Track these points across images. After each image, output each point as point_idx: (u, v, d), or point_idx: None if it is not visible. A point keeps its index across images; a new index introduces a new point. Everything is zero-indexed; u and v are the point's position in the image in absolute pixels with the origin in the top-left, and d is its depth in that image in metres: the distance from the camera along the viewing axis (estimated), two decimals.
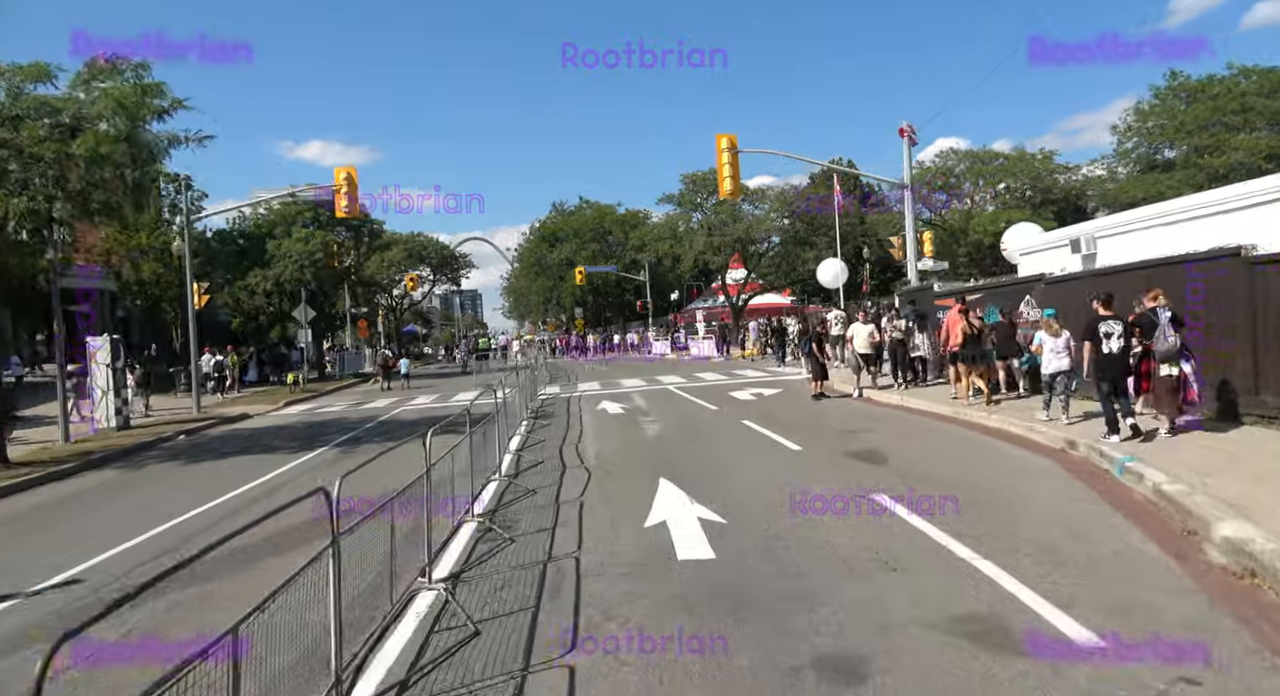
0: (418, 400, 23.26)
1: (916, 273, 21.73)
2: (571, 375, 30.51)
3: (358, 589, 4.51)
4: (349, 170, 21.36)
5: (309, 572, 3.64)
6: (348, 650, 4.01)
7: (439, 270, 61.73)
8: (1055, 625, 4.33)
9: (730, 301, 49.69)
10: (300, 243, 31.06)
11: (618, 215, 61.06)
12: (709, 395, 18.39)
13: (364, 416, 19.50)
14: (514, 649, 4.54)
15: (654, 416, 15.25)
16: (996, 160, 45.78)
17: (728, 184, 21.06)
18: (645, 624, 4.77)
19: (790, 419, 13.51)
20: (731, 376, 23.67)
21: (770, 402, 16.27)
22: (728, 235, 45.83)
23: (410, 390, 28.65)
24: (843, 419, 13.15)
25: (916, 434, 11.08)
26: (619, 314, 64.98)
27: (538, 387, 22.55)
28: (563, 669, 4.22)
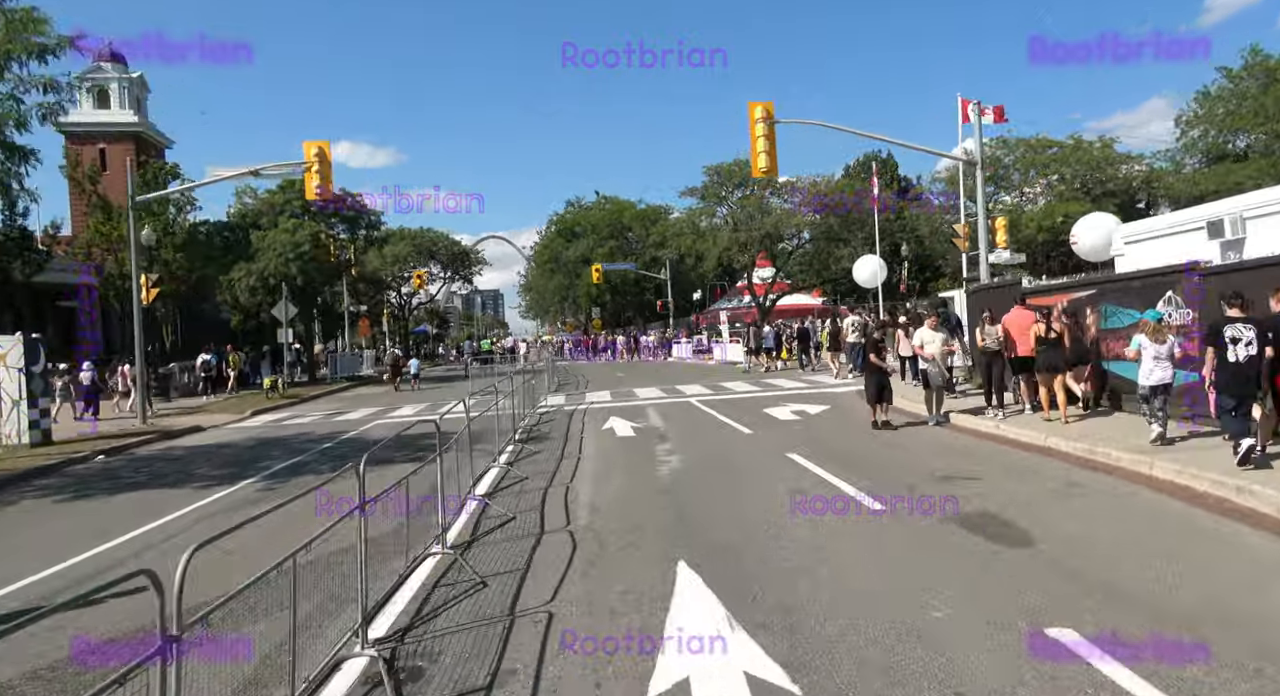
0: (402, 410, 20.23)
1: (988, 266, 18.34)
2: (581, 381, 27.40)
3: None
4: (320, 145, 18.38)
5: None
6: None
7: (450, 267, 59.00)
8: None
9: (757, 301, 46.32)
10: (286, 233, 28.22)
11: (637, 210, 57.89)
12: (740, 412, 15.17)
13: (330, 431, 16.49)
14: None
15: (673, 443, 12.06)
16: (1050, 149, 41.97)
17: (762, 160, 17.79)
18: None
19: (852, 452, 10.26)
20: (764, 387, 20.41)
21: (819, 426, 13.00)
22: (755, 230, 42.48)
23: (406, 394, 25.72)
24: (925, 455, 9.86)
25: (1052, 490, 7.75)
26: (638, 314, 61.83)
27: (539, 397, 19.49)
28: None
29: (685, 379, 25.14)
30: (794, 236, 45.61)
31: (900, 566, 5.57)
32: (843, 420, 13.49)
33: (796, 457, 9.93)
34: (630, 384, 24.59)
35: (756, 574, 5.52)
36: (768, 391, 19.18)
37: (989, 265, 18.40)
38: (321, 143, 18.46)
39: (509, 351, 48.51)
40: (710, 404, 17.02)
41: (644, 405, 17.78)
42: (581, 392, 22.41)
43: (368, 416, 19.41)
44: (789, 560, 5.81)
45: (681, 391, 20.47)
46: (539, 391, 21.20)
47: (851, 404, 15.54)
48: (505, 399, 15.42)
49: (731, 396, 18.51)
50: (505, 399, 15.42)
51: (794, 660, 4.07)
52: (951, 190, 44.75)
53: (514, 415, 14.50)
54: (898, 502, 7.36)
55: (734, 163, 45.94)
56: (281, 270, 28.27)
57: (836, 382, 20.25)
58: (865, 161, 58.36)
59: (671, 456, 10.80)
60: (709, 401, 17.57)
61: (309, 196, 18.61)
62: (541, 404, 18.77)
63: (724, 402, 17.16)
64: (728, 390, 20.08)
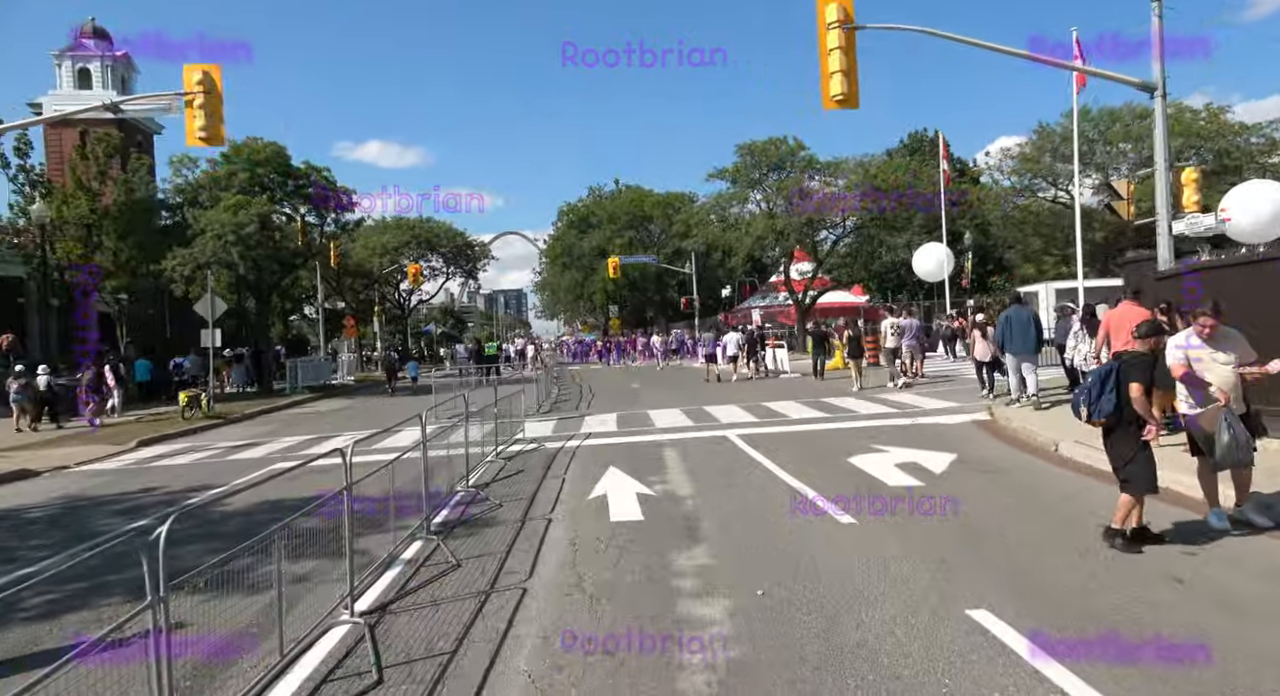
0: (336, 438, 14.82)
1: (1169, 239, 12.57)
2: (584, 394, 21.88)
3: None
4: (207, 69, 13.06)
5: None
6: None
7: (454, 262, 53.80)
8: None
9: (795, 299, 40.46)
10: (227, 212, 23.04)
11: (657, 197, 52.24)
12: (812, 464, 9.56)
13: (194, 485, 11.06)
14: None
15: (711, 549, 6.44)
16: (1143, 120, 35.62)
17: (837, 83, 12.14)
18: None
19: (1125, 622, 4.62)
20: (828, 410, 14.73)
21: (980, 513, 7.27)
22: (795, 216, 36.63)
23: (358, 410, 20.42)
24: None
25: None
26: (660, 313, 56.20)
27: (523, 418, 14.10)
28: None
29: (717, 394, 19.51)
30: (841, 224, 39.64)
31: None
32: (1015, 494, 7.80)
33: (1007, 641, 4.31)
34: (646, 401, 19.02)
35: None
36: (837, 417, 13.50)
37: (1169, 235, 12.60)
38: (210, 66, 13.11)
39: (518, 354, 42.95)
40: (757, 441, 11.41)
41: (661, 442, 12.20)
42: (580, 414, 16.90)
43: (281, 452, 14.06)
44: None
45: (713, 416, 14.86)
46: (527, 407, 15.82)
47: (985, 450, 9.87)
48: (472, 424, 10.17)
49: (786, 427, 12.88)
50: (472, 424, 10.17)
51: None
52: (1026, 169, 38.76)
53: (468, 456, 9.20)
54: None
55: (768, 141, 40.24)
56: (221, 256, 23.14)
57: (913, 403, 14.51)
58: (913, 142, 52.33)
59: (713, 601, 5.21)
60: (756, 437, 11.95)
61: (190, 141, 13.29)
62: (520, 433, 13.29)
63: (779, 441, 11.54)
64: (776, 415, 14.44)
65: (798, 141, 40.38)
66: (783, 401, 16.61)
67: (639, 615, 4.98)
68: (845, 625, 4.61)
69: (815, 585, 5.32)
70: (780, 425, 13.20)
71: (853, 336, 19.74)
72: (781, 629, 4.62)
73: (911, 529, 6.54)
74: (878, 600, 4.99)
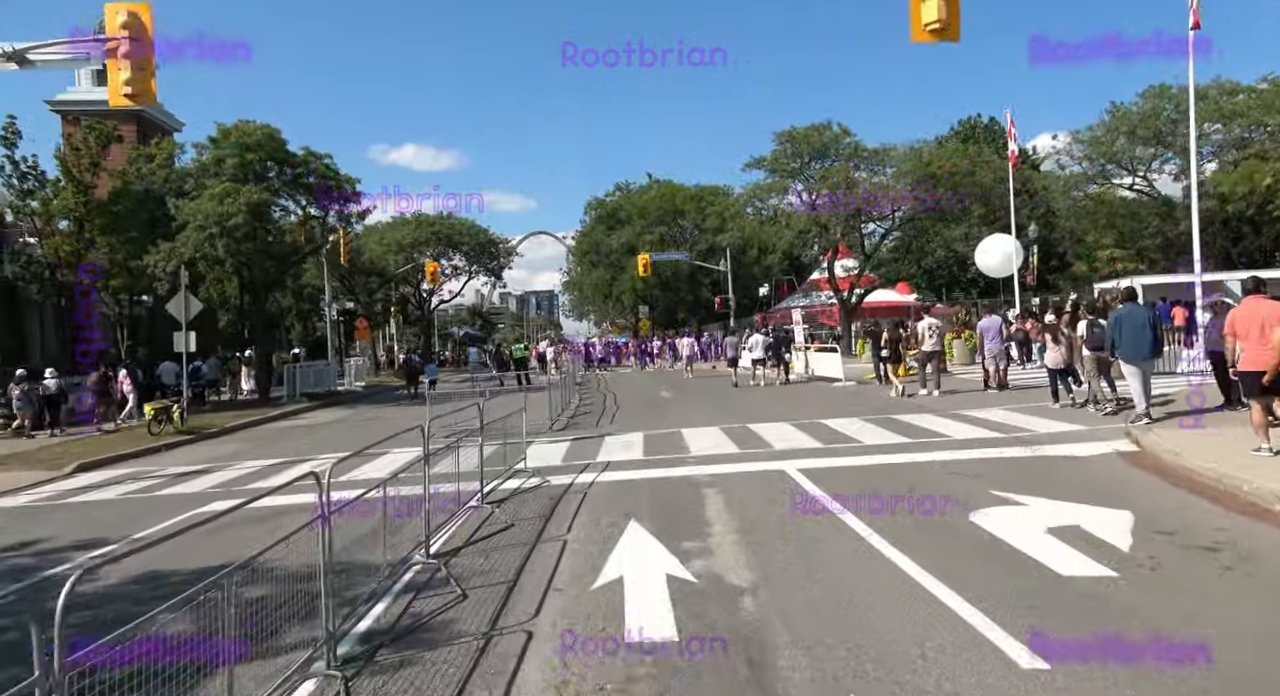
0: (311, 460, 12.26)
1: None
2: (607, 407, 19.10)
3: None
4: (134, 9, 10.52)
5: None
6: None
7: (477, 260, 51.39)
8: None
9: (840, 297, 37.20)
10: (212, 201, 20.66)
11: (690, 191, 49.26)
12: (911, 517, 6.68)
13: (67, 545, 8.50)
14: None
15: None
16: (1233, 96, 31.86)
17: (933, 7, 9.18)
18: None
19: None
20: (906, 431, 11.74)
21: (1258, 641, 4.36)
22: (841, 206, 33.42)
23: (365, 420, 17.91)
24: None
25: None
26: (692, 313, 53.25)
27: (532, 438, 11.42)
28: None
29: (760, 408, 16.60)
30: (890, 216, 36.31)
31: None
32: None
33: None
34: (678, 415, 16.19)
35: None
36: (920, 444, 10.52)
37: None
38: (136, 5, 10.57)
39: (538, 358, 40.20)
40: (831, 483, 8.50)
41: (699, 478, 9.34)
42: (599, 433, 14.10)
43: (227, 484, 11.48)
44: None
45: (762, 439, 11.96)
46: (536, 425, 13.18)
47: (1168, 504, 6.86)
48: (466, 449, 8.66)
49: (860, 458, 9.93)
50: (466, 449, 8.66)
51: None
52: (1098, 153, 35.10)
53: (429, 515, 6.56)
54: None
55: (810, 127, 37.16)
56: (206, 251, 20.79)
57: (1017, 423, 11.45)
58: (965, 130, 48.74)
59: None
60: (823, 473, 9.05)
61: (114, 102, 10.78)
62: (520, 461, 10.53)
63: (856, 480, 8.61)
64: (842, 438, 11.50)
65: (842, 128, 37.27)
66: (844, 419, 13.63)
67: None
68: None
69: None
70: (851, 454, 10.26)
71: (894, 338, 17.74)
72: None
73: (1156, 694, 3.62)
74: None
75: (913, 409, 14.43)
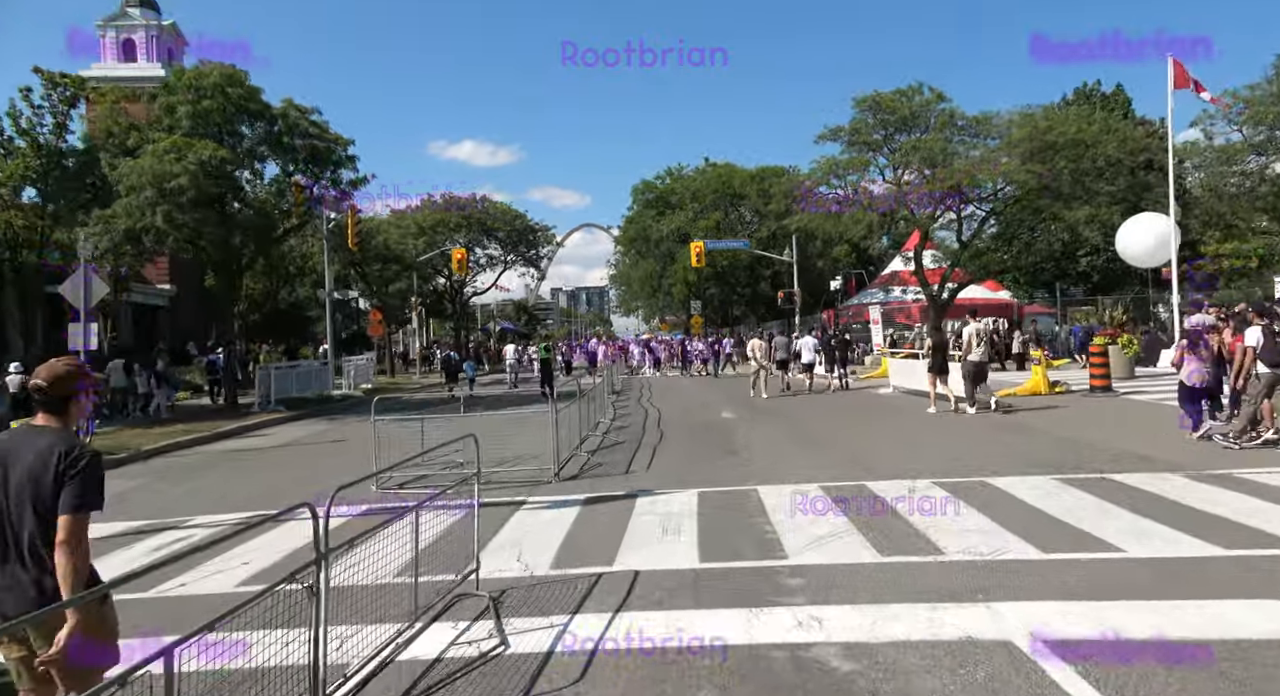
0: (207, 516, 7.60)
1: None
2: (647, 429, 14.02)
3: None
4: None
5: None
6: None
7: (513, 249, 46.82)
8: None
9: (929, 292, 31.34)
10: (151, 158, 16.20)
11: (749, 172, 43.72)
12: None
13: None
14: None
15: None
16: None
17: None
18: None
19: None
20: (1180, 519, 6.39)
21: None
22: (940, 181, 27.63)
23: (311, 445, 13.30)
24: None
25: None
26: (751, 310, 47.77)
27: (474, 547, 6.48)
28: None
29: (865, 444, 11.35)
30: (993, 196, 30.29)
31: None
32: None
33: None
34: (747, 454, 11.07)
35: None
36: (1248, 560, 5.22)
37: None
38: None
39: (565, 363, 35.12)
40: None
41: (823, 653, 4.22)
42: (628, 489, 9.02)
43: None
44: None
45: (913, 527, 6.74)
46: (543, 460, 8.33)
47: None
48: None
49: (1156, 602, 4.68)
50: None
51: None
52: (1262, 118, 28.42)
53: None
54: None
55: (896, 92, 31.48)
56: (148, 224, 16.41)
57: None
58: (1079, 98, 42.13)
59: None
60: (1114, 668, 3.83)
61: None
62: (470, 572, 5.54)
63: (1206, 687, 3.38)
64: (1067, 530, 6.22)
65: (935, 92, 31.49)
66: (1017, 478, 8.33)
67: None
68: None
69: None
70: (1119, 585, 5.02)
71: (937, 344, 15.58)
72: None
73: None
74: None
75: (1148, 462, 8.99)
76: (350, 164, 20.79)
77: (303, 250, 33.00)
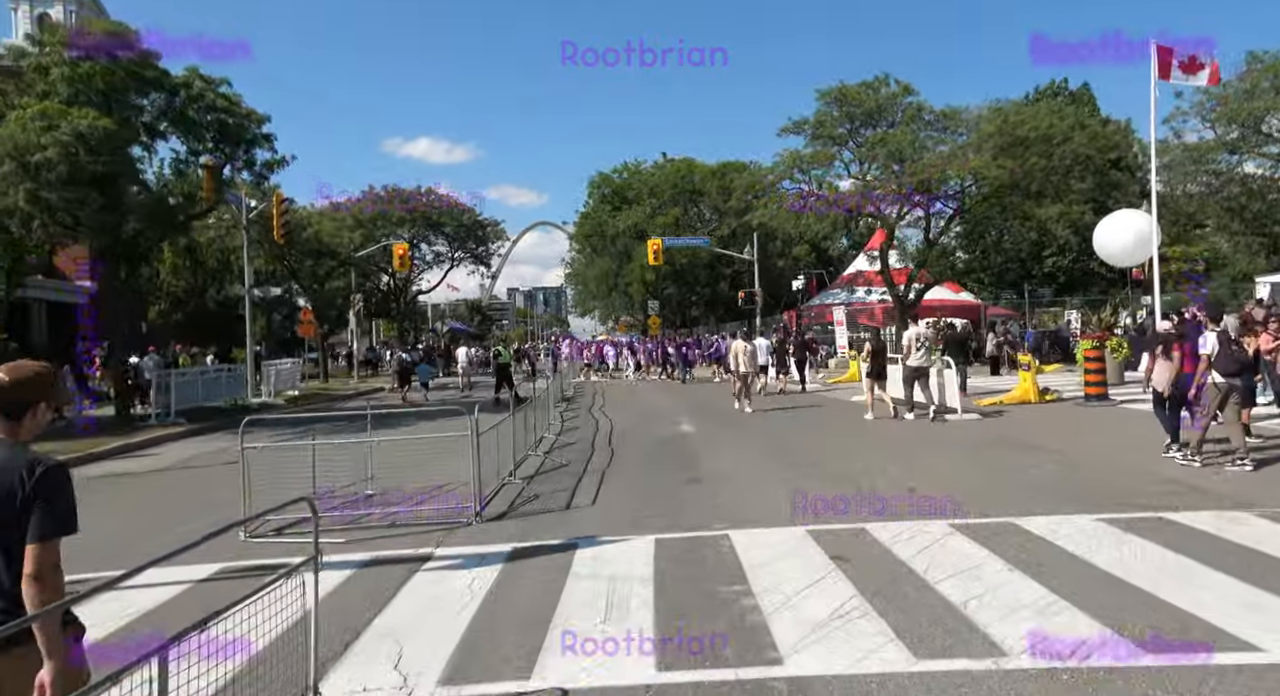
0: None
1: None
2: (596, 447, 12.12)
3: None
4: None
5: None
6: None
7: (459, 244, 44.46)
8: None
9: (895, 292, 30.02)
10: (14, 125, 13.74)
11: (709, 167, 42.13)
12: None
13: None
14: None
15: None
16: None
17: None
18: None
19: None
20: None
21: None
22: (909, 176, 26.24)
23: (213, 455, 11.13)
24: None
25: None
26: (710, 311, 46.19)
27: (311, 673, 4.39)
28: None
29: (853, 467, 9.65)
30: (960, 193, 29.11)
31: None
32: None
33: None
34: (714, 483, 9.28)
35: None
36: None
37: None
38: None
39: (526, 361, 33.09)
40: None
41: None
42: (564, 537, 7.13)
43: None
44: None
45: (949, 605, 4.99)
46: (464, 492, 6.43)
47: None
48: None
49: None
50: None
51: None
52: (1231, 117, 27.73)
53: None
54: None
55: (862, 84, 30.09)
56: (6, 204, 13.89)
57: None
58: (1043, 96, 41.42)
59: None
60: None
61: None
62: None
63: None
64: (1168, 612, 4.55)
65: (901, 84, 30.21)
66: (1053, 518, 6.69)
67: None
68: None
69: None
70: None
71: (875, 349, 15.04)
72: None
73: None
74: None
75: (1202, 495, 7.40)
76: (266, 143, 18.45)
77: (226, 243, 30.29)
